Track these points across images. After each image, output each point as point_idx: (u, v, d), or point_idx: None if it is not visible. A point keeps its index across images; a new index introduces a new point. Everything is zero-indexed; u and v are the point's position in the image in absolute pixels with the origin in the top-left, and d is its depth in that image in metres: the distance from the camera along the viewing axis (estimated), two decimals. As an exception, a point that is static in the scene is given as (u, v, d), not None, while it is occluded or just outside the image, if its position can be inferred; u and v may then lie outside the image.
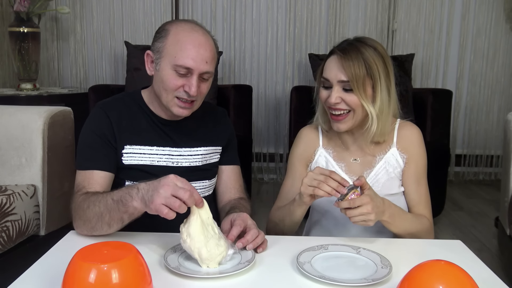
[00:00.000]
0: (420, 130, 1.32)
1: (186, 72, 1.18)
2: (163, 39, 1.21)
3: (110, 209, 1.05)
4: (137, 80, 2.85)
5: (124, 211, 1.03)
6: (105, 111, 1.26)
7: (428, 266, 0.76)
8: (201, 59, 1.18)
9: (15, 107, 1.84)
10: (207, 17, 3.46)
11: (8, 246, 1.57)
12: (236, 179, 1.41)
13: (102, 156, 1.23)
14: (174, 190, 0.94)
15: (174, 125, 1.30)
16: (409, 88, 2.89)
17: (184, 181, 0.96)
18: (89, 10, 3.46)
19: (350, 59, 1.17)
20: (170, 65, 1.18)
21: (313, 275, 0.90)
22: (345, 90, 1.19)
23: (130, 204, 1.01)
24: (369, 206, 1.05)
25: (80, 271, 0.74)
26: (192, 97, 1.21)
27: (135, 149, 1.26)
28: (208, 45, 1.20)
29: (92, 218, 1.08)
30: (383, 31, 3.48)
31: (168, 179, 0.95)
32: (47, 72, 3.53)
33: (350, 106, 1.20)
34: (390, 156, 1.28)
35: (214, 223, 1.00)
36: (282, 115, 3.56)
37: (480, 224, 2.80)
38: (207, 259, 0.94)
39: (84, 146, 1.26)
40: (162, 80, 1.20)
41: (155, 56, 1.22)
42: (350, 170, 1.30)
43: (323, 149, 1.34)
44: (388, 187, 1.26)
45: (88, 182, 1.20)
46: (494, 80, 3.57)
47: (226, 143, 1.40)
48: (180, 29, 1.20)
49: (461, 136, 3.66)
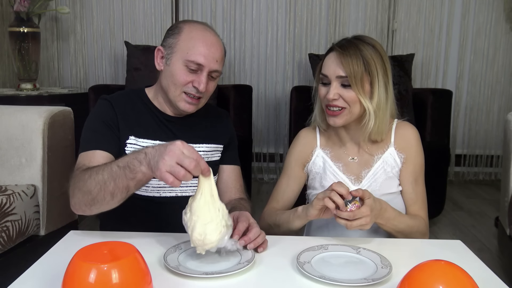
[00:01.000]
0: (417, 130, 1.33)
1: (197, 68, 1.21)
2: (176, 35, 1.24)
3: (116, 177, 0.99)
4: (137, 80, 2.85)
5: (132, 178, 0.98)
6: (111, 102, 1.28)
7: (428, 266, 0.76)
8: (212, 57, 1.22)
9: (15, 107, 1.84)
10: (207, 17, 3.46)
11: (8, 246, 1.57)
12: (236, 179, 1.42)
13: (106, 138, 1.23)
14: (180, 158, 0.90)
15: (178, 122, 1.32)
16: (409, 88, 2.89)
17: (191, 149, 0.92)
18: (89, 10, 3.46)
19: (348, 55, 1.19)
20: (182, 60, 1.21)
21: (313, 275, 0.90)
22: (343, 86, 1.21)
23: (138, 169, 0.96)
24: (368, 218, 1.06)
25: (80, 271, 0.74)
26: (200, 94, 1.23)
27: (139, 141, 1.26)
28: (218, 46, 1.25)
29: (93, 188, 1.02)
30: (383, 31, 3.48)
31: (175, 146, 0.91)
32: (47, 72, 3.53)
33: (347, 102, 1.21)
34: (388, 155, 1.29)
35: (221, 204, 0.96)
36: (282, 115, 3.56)
37: (480, 224, 2.80)
38: (196, 242, 0.92)
39: (88, 130, 1.25)
40: (172, 75, 1.23)
41: (167, 51, 1.25)
42: (348, 170, 1.31)
43: (321, 149, 1.35)
44: (386, 187, 1.27)
45: (89, 160, 1.17)
46: (494, 80, 3.57)
47: (228, 142, 1.41)
48: (194, 27, 1.25)
49: (461, 136, 3.66)
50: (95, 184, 1.02)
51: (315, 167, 1.34)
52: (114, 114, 1.26)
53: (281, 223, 1.25)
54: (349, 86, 1.20)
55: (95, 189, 1.02)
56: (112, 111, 1.26)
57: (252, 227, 1.05)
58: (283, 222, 1.24)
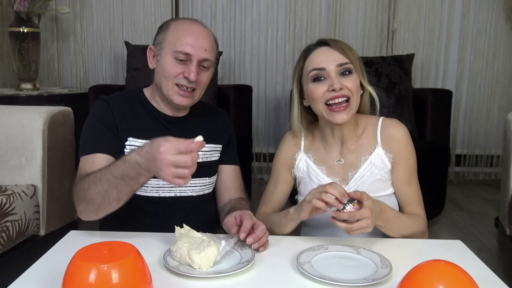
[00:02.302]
0: (405, 127, 1.27)
1: (186, 58, 1.21)
2: (164, 31, 1.26)
3: (116, 185, 1.01)
4: (137, 80, 2.84)
5: (135, 183, 1.01)
6: (109, 103, 1.28)
7: (428, 266, 0.76)
8: (200, 46, 1.21)
9: (15, 107, 1.84)
10: (207, 17, 3.45)
11: (8, 246, 1.57)
12: (236, 178, 1.41)
13: (106, 140, 1.23)
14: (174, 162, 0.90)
15: (176, 122, 1.32)
16: (409, 88, 2.89)
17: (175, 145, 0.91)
18: (89, 10, 3.46)
19: (343, 44, 1.22)
20: (170, 53, 1.22)
21: (313, 275, 0.90)
22: (342, 74, 1.20)
23: (140, 177, 0.99)
24: (369, 221, 1.02)
25: (80, 271, 0.74)
26: (192, 84, 1.22)
27: (138, 142, 1.26)
28: (207, 35, 1.25)
29: (96, 197, 1.05)
30: (383, 31, 3.48)
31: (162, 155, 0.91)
32: (47, 72, 3.53)
33: (350, 90, 1.19)
34: (376, 156, 1.25)
35: (200, 233, 1.01)
36: (282, 115, 3.56)
37: (480, 224, 2.80)
38: (198, 262, 0.93)
39: (87, 132, 1.26)
40: (162, 69, 1.23)
41: (157, 48, 1.26)
42: (332, 172, 1.28)
43: (304, 153, 1.33)
44: (373, 189, 1.22)
45: (90, 166, 1.18)
46: (494, 80, 3.56)
47: (227, 142, 1.41)
48: (180, 22, 1.26)
49: (461, 136, 3.66)
50: (97, 194, 1.04)
51: (298, 172, 1.33)
52: (112, 115, 1.26)
53: (273, 226, 1.22)
54: (349, 74, 1.20)
55: (98, 198, 1.05)
56: (110, 112, 1.26)
57: (258, 225, 1.06)
58: (274, 226, 1.22)
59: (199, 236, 1.00)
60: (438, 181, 2.68)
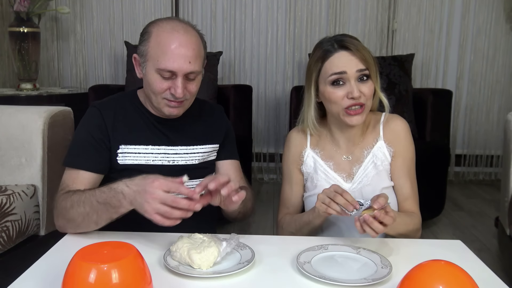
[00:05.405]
0: (407, 123, 1.32)
1: (170, 75, 1.18)
2: (146, 42, 1.21)
3: (97, 209, 1.06)
4: (137, 80, 2.82)
5: (115, 212, 1.05)
6: (100, 111, 1.27)
7: (428, 266, 0.76)
8: (184, 60, 1.16)
9: (15, 107, 1.84)
10: (207, 17, 3.46)
11: (8, 246, 1.57)
12: (236, 172, 1.39)
13: (91, 155, 1.23)
14: (162, 198, 0.95)
15: (171, 124, 1.30)
16: (409, 88, 2.89)
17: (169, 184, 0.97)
18: (89, 10, 3.46)
19: (362, 49, 1.22)
20: (154, 69, 1.18)
21: (313, 275, 0.90)
22: (360, 79, 1.21)
23: (120, 207, 1.04)
24: (388, 228, 1.04)
25: (80, 271, 0.74)
26: (179, 99, 1.20)
27: (130, 148, 1.25)
28: (190, 44, 1.18)
29: (77, 218, 1.09)
30: (383, 31, 3.48)
31: (153, 189, 0.96)
32: (47, 72, 3.53)
33: (366, 97, 1.22)
34: (377, 149, 1.28)
35: (201, 235, 1.02)
36: (282, 115, 3.56)
37: (480, 224, 2.80)
38: (198, 262, 0.94)
39: (75, 143, 1.27)
40: (149, 84, 1.22)
41: (141, 59, 1.23)
42: (339, 168, 1.30)
43: (311, 149, 1.34)
44: (377, 181, 1.26)
45: (72, 181, 1.20)
46: (494, 80, 3.56)
47: (223, 139, 1.39)
48: (161, 30, 1.19)
49: (461, 136, 3.65)
50: (78, 215, 1.09)
51: (306, 168, 1.34)
52: (103, 123, 1.25)
53: (302, 226, 1.24)
54: (366, 79, 1.21)
55: (78, 219, 1.09)
56: (102, 120, 1.25)
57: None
58: (303, 226, 1.24)
59: (200, 236, 1.01)
60: (438, 181, 2.69)
